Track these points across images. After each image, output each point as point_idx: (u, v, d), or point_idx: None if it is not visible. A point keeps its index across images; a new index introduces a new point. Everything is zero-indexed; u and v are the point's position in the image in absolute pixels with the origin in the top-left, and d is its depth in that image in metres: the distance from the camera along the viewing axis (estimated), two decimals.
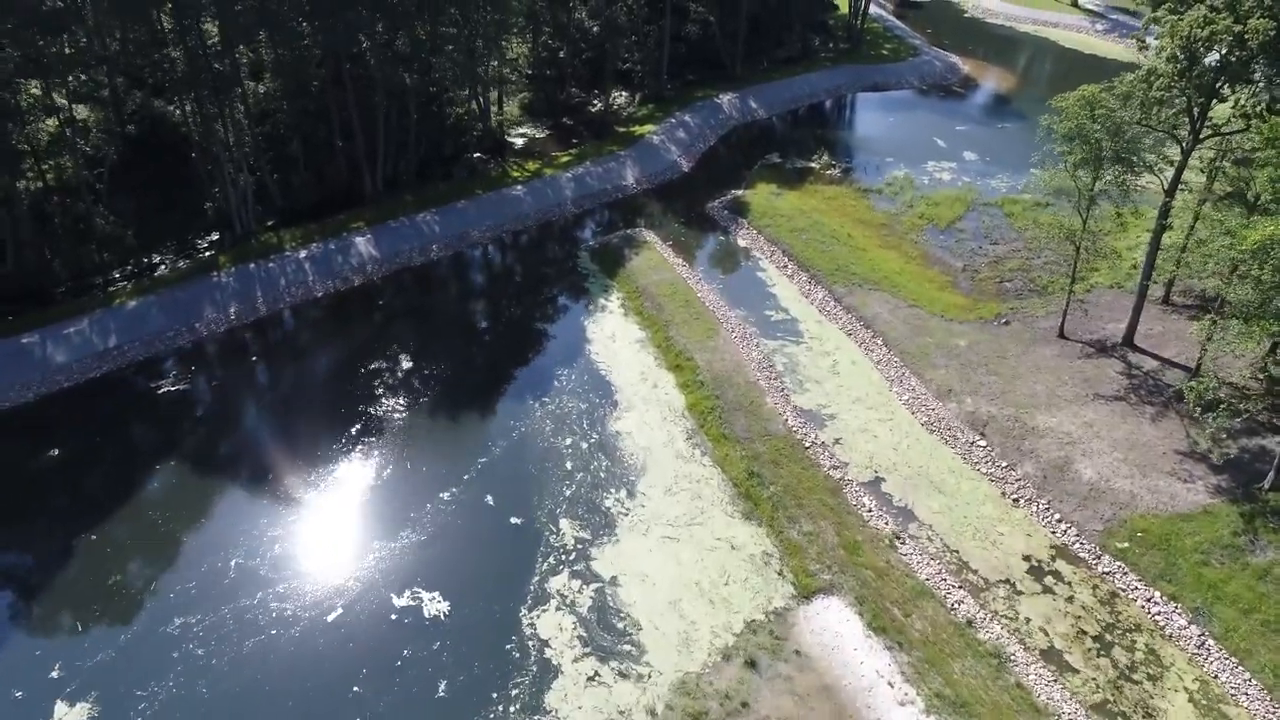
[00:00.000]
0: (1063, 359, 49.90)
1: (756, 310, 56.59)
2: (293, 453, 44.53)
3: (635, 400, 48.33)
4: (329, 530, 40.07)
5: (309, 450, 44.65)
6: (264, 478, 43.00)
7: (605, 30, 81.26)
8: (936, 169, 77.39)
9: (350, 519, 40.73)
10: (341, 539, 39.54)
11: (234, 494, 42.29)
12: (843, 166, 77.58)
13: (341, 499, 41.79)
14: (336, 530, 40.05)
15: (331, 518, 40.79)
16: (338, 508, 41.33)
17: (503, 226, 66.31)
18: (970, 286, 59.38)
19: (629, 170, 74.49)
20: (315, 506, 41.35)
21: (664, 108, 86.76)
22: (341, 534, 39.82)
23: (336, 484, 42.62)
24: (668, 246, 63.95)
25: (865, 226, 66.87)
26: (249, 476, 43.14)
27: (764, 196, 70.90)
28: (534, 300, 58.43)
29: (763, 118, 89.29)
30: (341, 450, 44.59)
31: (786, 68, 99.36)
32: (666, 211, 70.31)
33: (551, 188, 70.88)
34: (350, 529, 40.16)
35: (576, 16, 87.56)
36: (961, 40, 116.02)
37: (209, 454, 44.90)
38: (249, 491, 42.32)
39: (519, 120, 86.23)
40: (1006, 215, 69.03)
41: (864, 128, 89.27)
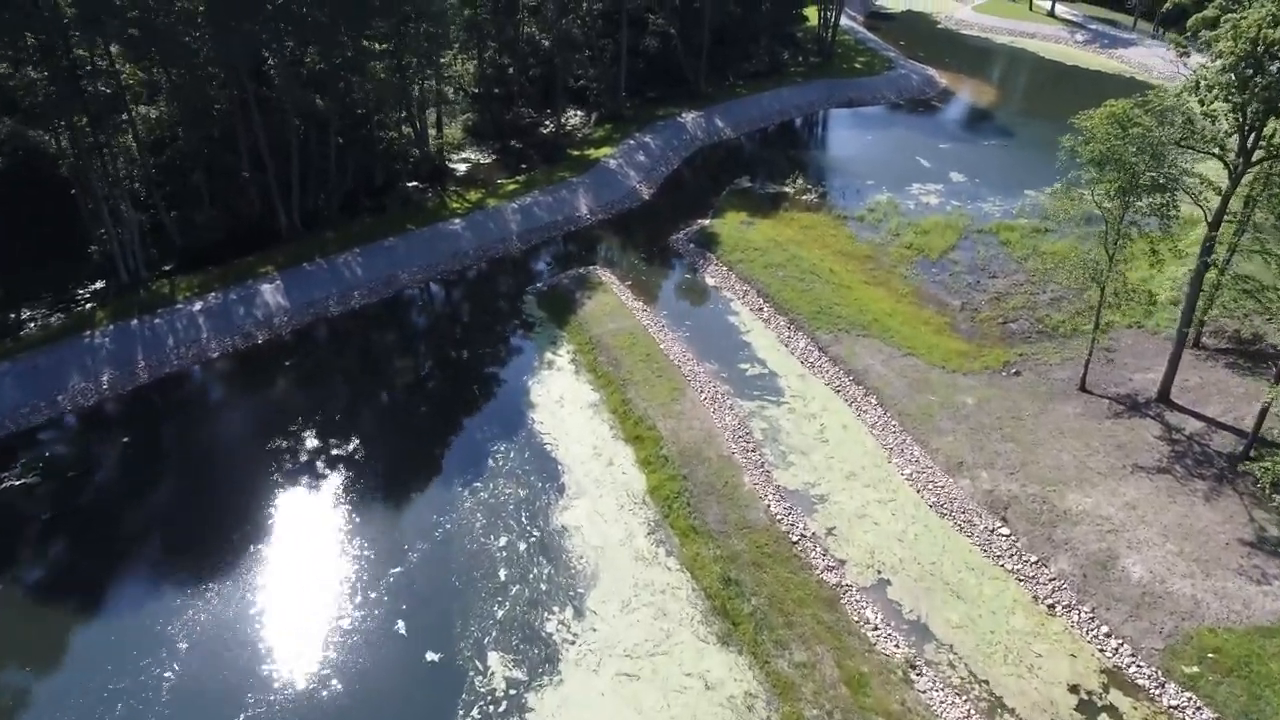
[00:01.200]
0: (1089, 419, 42.47)
1: (729, 363, 48.71)
2: (152, 573, 35.73)
3: (586, 483, 40.11)
4: (189, 684, 31.25)
5: (172, 568, 35.86)
6: (113, 612, 34.13)
7: (557, 44, 73.43)
8: (922, 192, 70.33)
9: (218, 665, 31.94)
10: (205, 695, 30.75)
11: (62, 638, 33.31)
12: (819, 191, 70.25)
13: (209, 640, 33.00)
14: (198, 683, 31.24)
15: (194, 666, 31.97)
16: (204, 652, 32.53)
17: (437, 267, 57.95)
18: (971, 329, 51.99)
19: (583, 199, 66.55)
20: (174, 651, 32.51)
21: (622, 128, 79.12)
22: (206, 688, 31.02)
23: (206, 620, 33.81)
24: (626, 288, 55.97)
25: (848, 259, 59.40)
26: (88, 611, 34.17)
27: (734, 226, 63.26)
28: (470, 357, 50.07)
29: (730, 137, 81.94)
30: (218, 568, 35.81)
31: (754, 83, 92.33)
32: (625, 246, 62.40)
33: (495, 220, 62.69)
34: (218, 678, 31.38)
35: (526, 30, 79.79)
36: (936, 52, 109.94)
37: (45, 577, 35.89)
38: (84, 636, 33.35)
39: (462, 144, 78.09)
40: (1003, 244, 61.99)
41: (840, 147, 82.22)
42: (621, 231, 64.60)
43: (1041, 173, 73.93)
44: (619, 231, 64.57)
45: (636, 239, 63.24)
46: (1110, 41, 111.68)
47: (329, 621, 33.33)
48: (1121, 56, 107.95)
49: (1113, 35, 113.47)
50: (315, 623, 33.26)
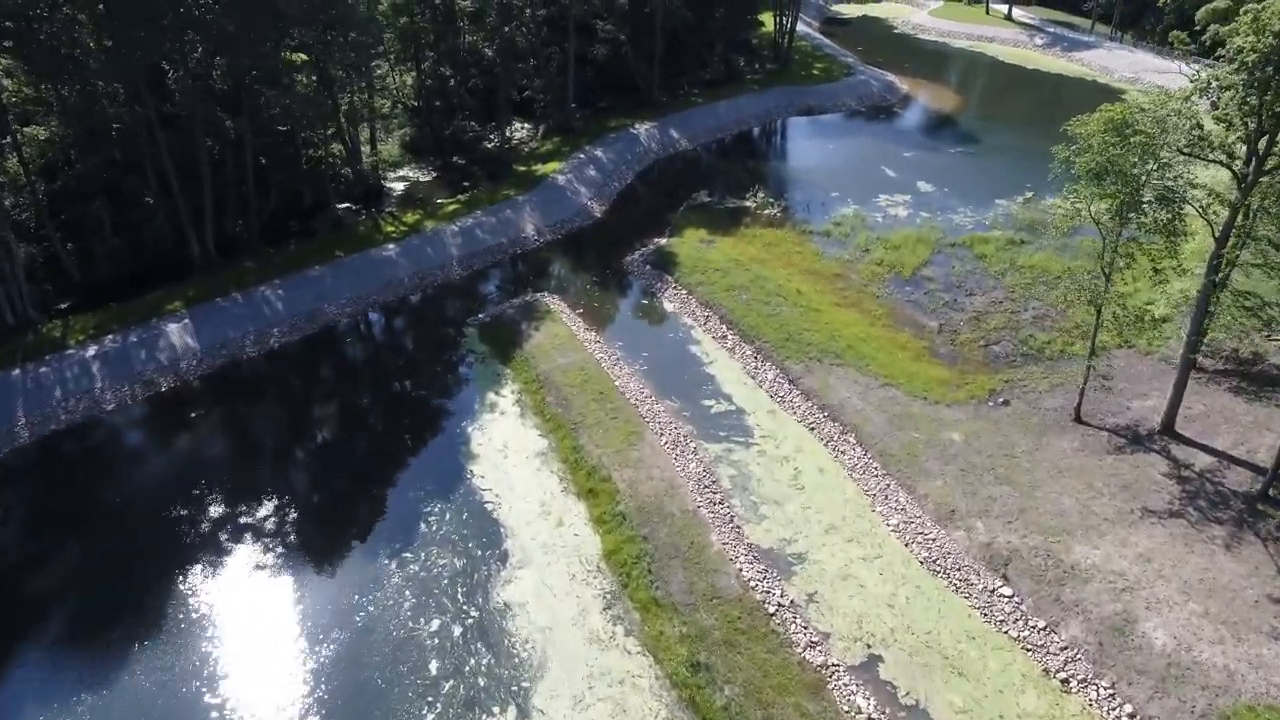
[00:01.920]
0: (1088, 455, 38.53)
1: (692, 400, 44.09)
2: (21, 681, 29.99)
3: (533, 549, 35.13)
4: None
5: (29, 681, 30.15)
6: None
7: (499, 53, 68.54)
8: (890, 203, 66.57)
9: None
10: None
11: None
12: (782, 205, 66.18)
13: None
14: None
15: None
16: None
17: (368, 298, 52.60)
18: (952, 353, 48.00)
19: (529, 219, 61.65)
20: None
21: (572, 141, 74.45)
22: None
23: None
24: (577, 316, 51.15)
25: (816, 279, 55.23)
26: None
27: (693, 245, 58.80)
28: (402, 401, 44.81)
29: (686, 149, 77.67)
30: (89, 676, 30.19)
31: (710, 91, 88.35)
32: (576, 269, 57.60)
33: (433, 244, 57.52)
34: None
35: (468, 39, 74.77)
36: (895, 57, 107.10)
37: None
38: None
39: (399, 161, 72.86)
40: (978, 257, 58.33)
41: (802, 157, 78.38)
42: (572, 253, 59.84)
43: (1012, 181, 70.91)
44: (569, 253, 59.80)
45: (588, 261, 58.51)
46: (1070, 44, 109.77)
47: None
48: (1081, 59, 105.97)
49: (1072, 38, 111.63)
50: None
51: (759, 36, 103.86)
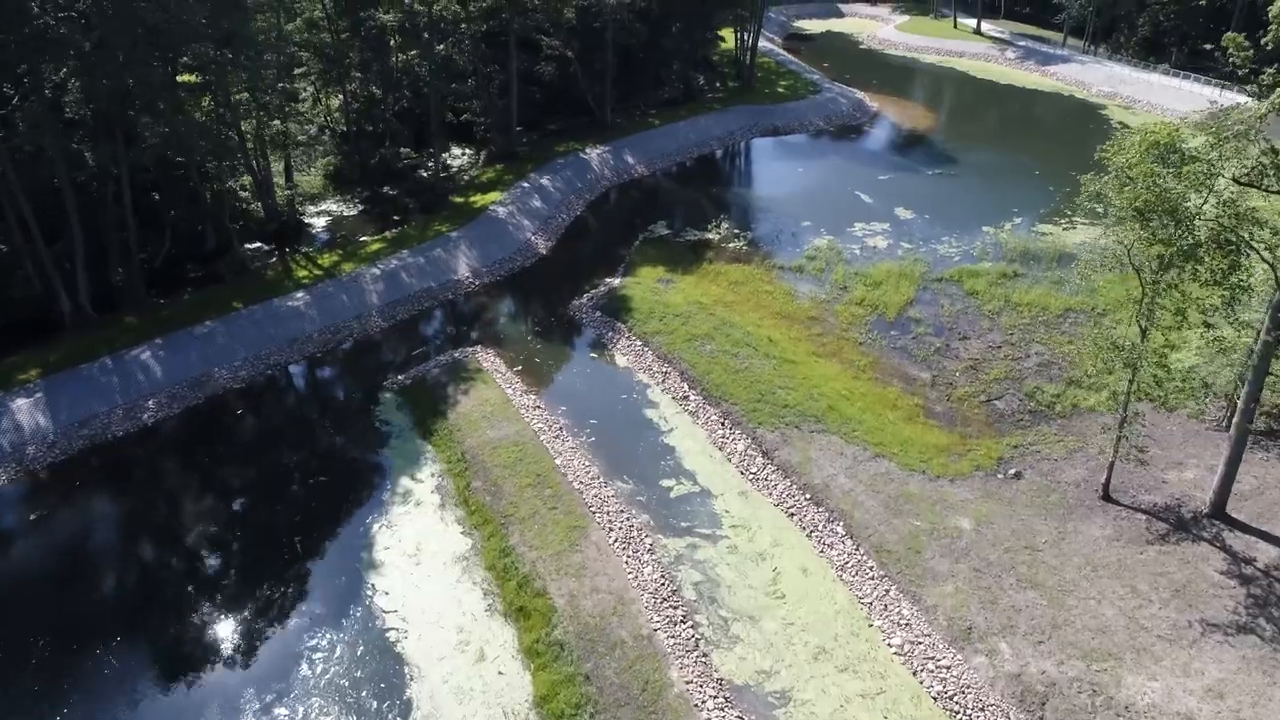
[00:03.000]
0: (1125, 546, 31.89)
1: (648, 480, 36.88)
2: None
3: (444, 697, 27.57)
4: None
5: None
6: None
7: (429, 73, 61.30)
8: (867, 233, 60.22)
9: None
10: None
11: None
12: (748, 236, 59.55)
13: None
14: None
15: None
16: None
17: (268, 358, 44.84)
18: (949, 412, 41.36)
19: (464, 258, 54.32)
20: None
21: (516, 168, 67.41)
22: None
23: None
24: (514, 375, 43.82)
25: (789, 324, 48.48)
26: None
27: (649, 286, 51.82)
28: (296, 492, 36.99)
29: (643, 175, 70.97)
30: None
31: (668, 112, 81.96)
32: (515, 317, 50.35)
33: (350, 291, 49.93)
34: None
35: (401, 57, 67.45)
36: (863, 74, 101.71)
37: None
38: None
39: (322, 193, 65.15)
40: (969, 294, 52.02)
41: (769, 183, 71.96)
42: (511, 297, 52.61)
43: (997, 205, 65.08)
44: (508, 298, 52.55)
45: (529, 307, 51.30)
46: (1043, 59, 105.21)
47: None
48: (1055, 73, 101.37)
49: (1044, 52, 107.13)
50: None
51: (720, 53, 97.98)
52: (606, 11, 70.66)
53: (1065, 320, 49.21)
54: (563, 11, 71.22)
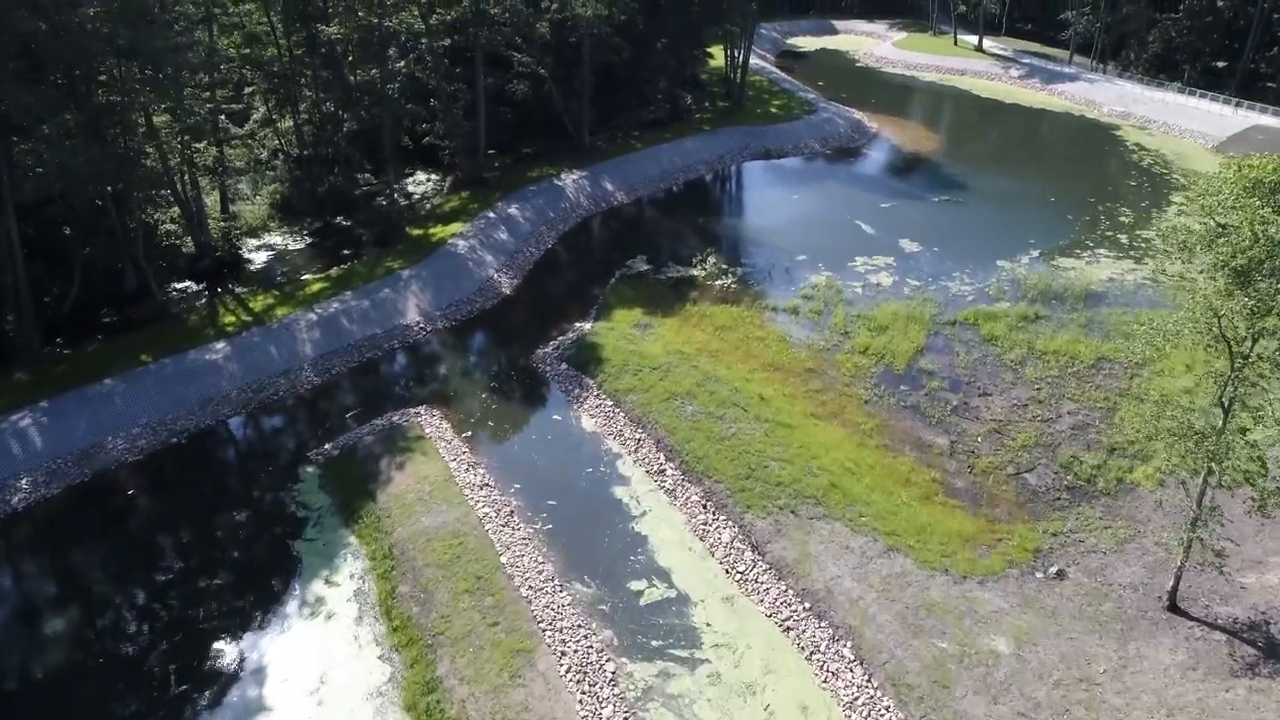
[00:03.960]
0: (1206, 681, 25.49)
1: (613, 581, 30.43)
2: None
3: None
4: None
5: None
6: None
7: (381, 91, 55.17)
8: (869, 269, 54.09)
9: None
10: None
11: None
12: (738, 273, 53.37)
13: None
14: None
15: None
16: None
17: (174, 424, 38.37)
18: (972, 489, 35.03)
19: (414, 300, 48.01)
20: None
21: (483, 196, 61.34)
22: None
23: None
24: (461, 444, 37.39)
25: (783, 377, 42.20)
26: None
27: (624, 333, 45.54)
28: (181, 599, 30.33)
29: (622, 203, 64.93)
30: None
31: (652, 133, 76.02)
32: (468, 370, 44.00)
33: (279, 341, 43.54)
34: None
35: (359, 75, 61.18)
36: (860, 93, 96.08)
37: None
38: None
39: (267, 224, 58.86)
40: (987, 340, 45.85)
41: (761, 211, 65.87)
42: (466, 346, 46.32)
43: (1012, 236, 59.09)
44: (462, 347, 46.24)
45: (486, 357, 45.04)
46: (1049, 77, 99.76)
47: None
48: (1064, 92, 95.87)
49: (1050, 70, 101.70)
50: None
51: (709, 71, 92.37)
52: (583, 26, 64.84)
53: (1099, 372, 43.08)
54: (535, 25, 65.42)
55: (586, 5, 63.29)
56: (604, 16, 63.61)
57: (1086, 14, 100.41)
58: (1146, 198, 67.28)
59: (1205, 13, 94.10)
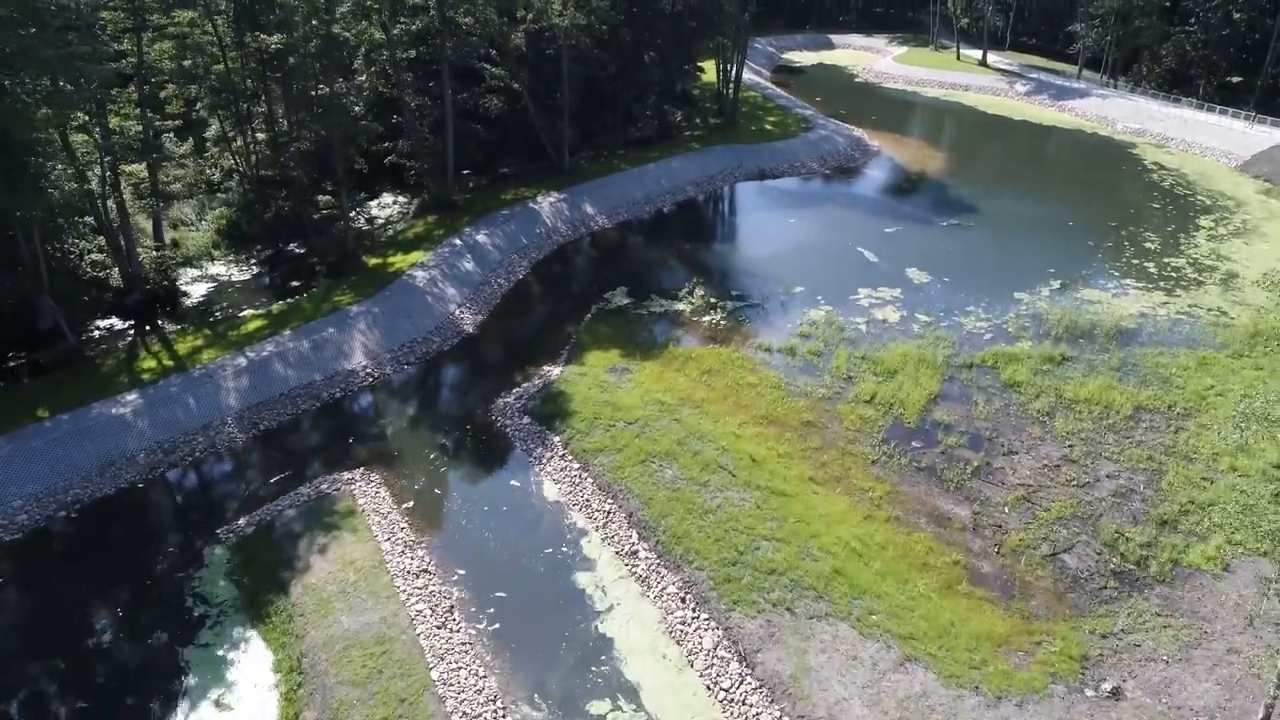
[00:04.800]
0: None
1: (569, 703, 24.86)
2: None
3: None
4: None
5: None
6: None
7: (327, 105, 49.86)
8: (874, 302, 48.80)
9: None
10: None
11: None
12: (727, 307, 48.05)
13: None
14: None
15: None
16: None
17: (65, 493, 32.81)
18: (1001, 574, 29.54)
19: (361, 341, 42.58)
20: None
21: (450, 221, 56.15)
22: None
23: None
24: (400, 518, 31.87)
25: (778, 432, 36.76)
26: None
27: (597, 379, 40.12)
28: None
29: (604, 228, 59.73)
30: None
31: (638, 152, 70.99)
32: (416, 425, 38.43)
33: (201, 391, 38.05)
34: None
35: (322, 88, 55.87)
36: (859, 109, 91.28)
37: None
38: None
39: (211, 252, 53.51)
40: (1009, 386, 40.51)
41: (754, 237, 60.63)
42: (416, 395, 40.83)
43: (1029, 264, 53.92)
44: (413, 396, 40.74)
45: (439, 410, 39.55)
46: (1058, 92, 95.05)
47: None
48: (1074, 109, 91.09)
49: (1059, 85, 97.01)
50: None
51: (700, 86, 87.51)
52: (560, 36, 59.85)
53: (1138, 424, 37.73)
54: (509, 36, 60.44)
55: (564, 15, 58.34)
56: (582, 26, 58.63)
57: (1096, 27, 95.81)
58: (1171, 221, 62.19)
59: (1221, 26, 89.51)
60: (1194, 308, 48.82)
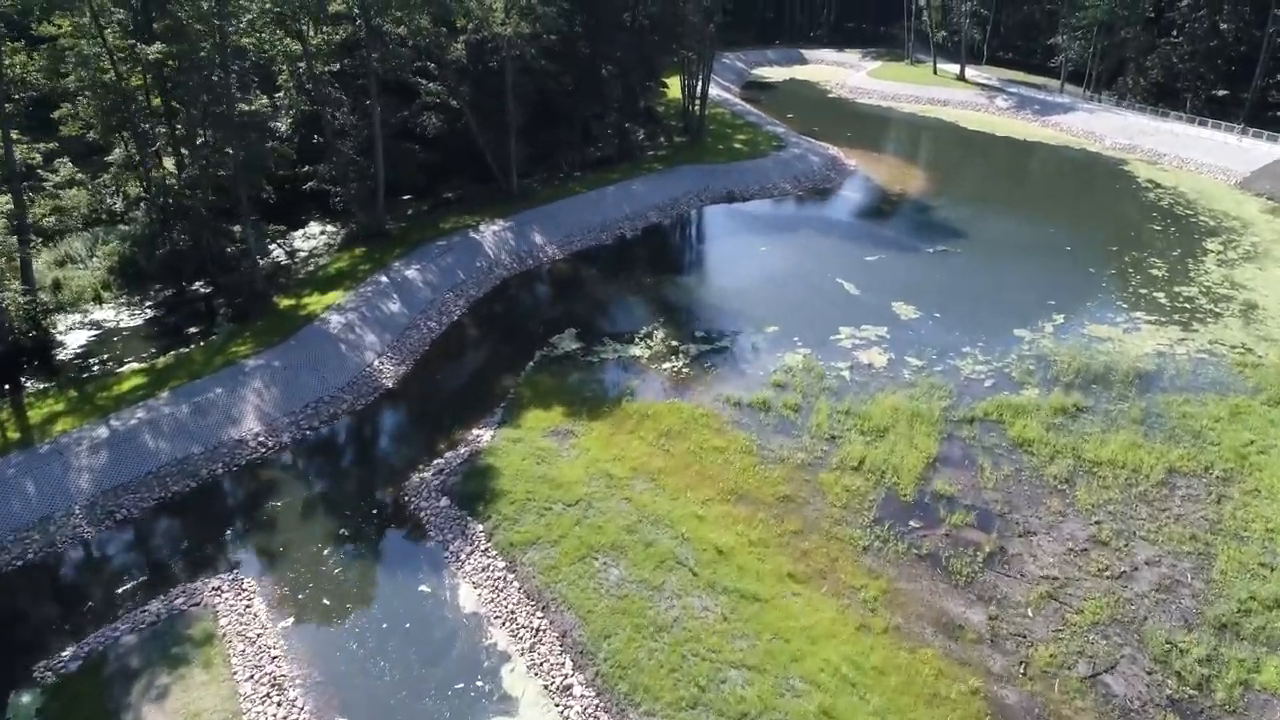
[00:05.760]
0: None
1: None
2: None
3: None
4: None
5: None
6: None
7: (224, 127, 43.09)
8: (857, 343, 42.85)
9: None
10: None
11: None
12: (691, 351, 41.87)
13: None
14: None
15: None
16: None
17: None
18: (1032, 706, 23.41)
19: (255, 402, 35.84)
20: None
21: (379, 254, 49.74)
22: None
23: None
24: (272, 644, 25.12)
25: (749, 512, 30.49)
26: None
27: (535, 446, 33.67)
28: None
29: (554, 259, 53.49)
30: None
31: (597, 174, 65.14)
32: (309, 511, 31.60)
33: (45, 472, 31.09)
34: None
35: (242, 106, 49.23)
36: (834, 126, 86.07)
37: None
38: None
39: (101, 294, 46.61)
40: (1018, 444, 34.68)
41: (722, 268, 54.64)
42: (316, 471, 34.02)
43: (1027, 295, 48.34)
44: (312, 472, 33.93)
45: (340, 490, 32.72)
46: (1042, 107, 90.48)
47: None
48: (1060, 124, 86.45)
49: (1042, 100, 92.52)
50: None
51: (666, 103, 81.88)
52: (503, 46, 53.78)
53: (1172, 491, 31.97)
54: (448, 47, 54.27)
55: (506, 23, 52.29)
56: (527, 36, 52.58)
57: (1079, 38, 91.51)
58: (1176, 245, 57.03)
59: (1208, 37, 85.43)
60: (1216, 345, 43.36)
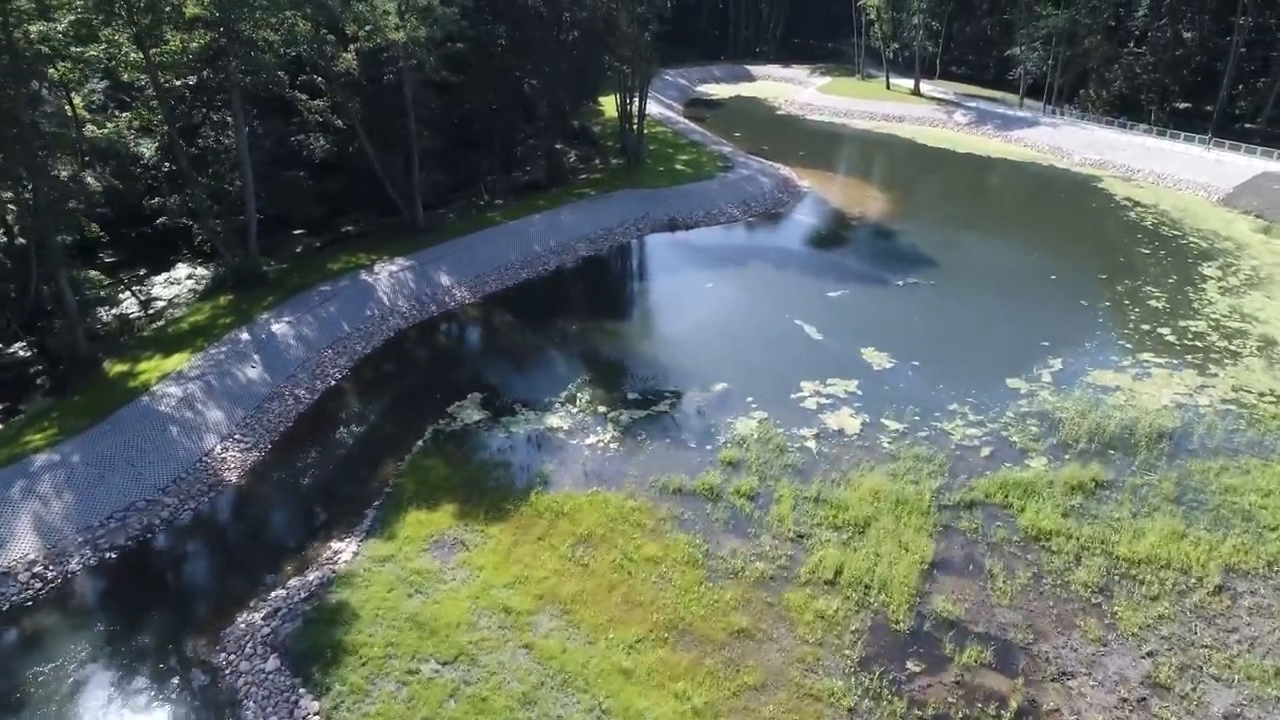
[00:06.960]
0: None
1: None
2: None
3: None
4: None
5: None
6: None
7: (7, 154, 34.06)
8: (823, 403, 35.32)
9: None
10: None
11: None
12: (622, 420, 33.90)
13: None
14: None
15: None
16: None
17: None
18: None
19: (33, 515, 26.90)
20: None
21: (246, 303, 41.04)
22: None
23: None
24: None
25: (692, 658, 22.50)
26: None
27: (407, 570, 25.33)
28: None
29: (463, 303, 45.32)
30: None
31: (522, 201, 57.43)
32: (89, 681, 22.68)
33: None
34: None
35: (97, 130, 40.18)
36: (785, 145, 79.48)
37: None
38: None
39: None
40: (1032, 537, 27.46)
41: (662, 309, 46.88)
42: (108, 610, 25.11)
43: (1014, 335, 41.39)
44: (100, 611, 25.03)
45: (133, 640, 23.88)
46: (1003, 121, 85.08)
47: None
48: (1023, 139, 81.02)
49: (1002, 114, 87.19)
50: None
51: (602, 123, 74.61)
52: (401, 55, 45.77)
53: (1236, 601, 24.90)
54: (335, 57, 46.02)
55: (401, 27, 44.28)
56: (422, 41, 44.61)
57: (1038, 49, 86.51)
58: (1171, 271, 50.93)
59: (1172, 46, 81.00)
60: (1241, 392, 36.78)
